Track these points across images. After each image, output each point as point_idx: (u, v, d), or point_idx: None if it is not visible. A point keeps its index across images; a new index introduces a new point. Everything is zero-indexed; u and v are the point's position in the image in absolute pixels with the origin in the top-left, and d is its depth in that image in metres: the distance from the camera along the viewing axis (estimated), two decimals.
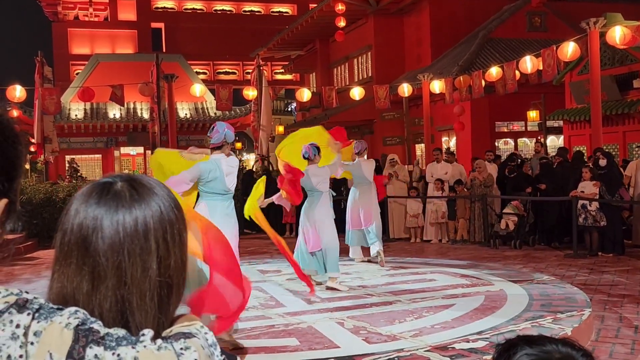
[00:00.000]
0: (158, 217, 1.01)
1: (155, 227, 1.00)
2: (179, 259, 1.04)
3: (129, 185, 1.02)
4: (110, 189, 1.01)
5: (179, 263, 1.03)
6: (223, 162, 5.44)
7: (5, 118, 1.06)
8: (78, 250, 0.97)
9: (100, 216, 0.97)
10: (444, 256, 10.06)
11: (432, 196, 12.02)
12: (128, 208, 0.99)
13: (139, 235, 0.98)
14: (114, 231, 0.97)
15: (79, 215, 0.99)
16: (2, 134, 1.02)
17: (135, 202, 1.00)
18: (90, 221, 0.97)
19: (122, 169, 26.89)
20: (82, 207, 0.99)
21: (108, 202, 0.99)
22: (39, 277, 9.83)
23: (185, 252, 1.06)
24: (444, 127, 21.31)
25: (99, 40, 36.16)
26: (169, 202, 1.04)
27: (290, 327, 5.54)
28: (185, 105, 25.33)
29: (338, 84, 28.55)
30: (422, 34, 24.18)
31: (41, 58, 17.05)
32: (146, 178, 1.07)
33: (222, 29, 37.07)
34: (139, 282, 0.97)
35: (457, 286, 7.00)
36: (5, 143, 1.02)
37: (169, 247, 1.01)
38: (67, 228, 1.00)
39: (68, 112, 24.10)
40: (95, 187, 1.02)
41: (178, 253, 1.03)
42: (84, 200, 1.00)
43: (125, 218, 0.98)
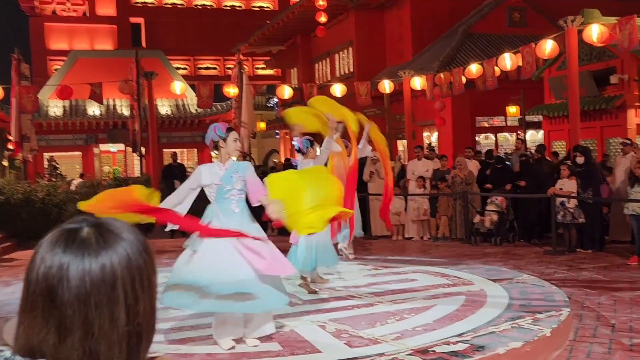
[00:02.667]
0: (125, 264, 0.99)
1: (123, 275, 0.98)
2: (148, 305, 1.03)
3: (95, 231, 1.00)
4: (77, 237, 0.99)
5: (148, 309, 1.02)
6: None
7: None
8: (44, 301, 0.96)
9: (66, 265, 0.96)
10: (425, 254, 10.13)
11: (413, 193, 12.07)
12: (94, 256, 0.97)
13: (106, 285, 0.97)
14: (80, 281, 0.95)
15: (44, 264, 0.97)
16: None
17: (101, 249, 0.98)
18: (55, 270, 0.96)
19: (102, 165, 26.65)
20: (48, 256, 0.97)
21: (74, 251, 0.97)
22: (18, 279, 9.72)
23: (154, 297, 1.05)
24: (425, 122, 21.40)
25: (77, 35, 35.71)
26: (137, 246, 1.03)
27: None
28: (166, 102, 25.16)
29: (320, 80, 28.52)
30: (403, 29, 24.22)
31: (18, 55, 16.82)
32: (113, 222, 1.05)
33: (203, 24, 36.80)
34: (107, 333, 0.96)
35: (438, 286, 7.05)
36: None
37: (137, 294, 1.00)
38: (32, 278, 0.98)
39: (47, 110, 23.82)
40: (61, 233, 1.00)
41: (147, 299, 1.02)
42: (50, 249, 0.98)
43: (92, 267, 0.96)
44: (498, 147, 21.92)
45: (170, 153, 20.29)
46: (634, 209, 8.57)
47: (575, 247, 9.68)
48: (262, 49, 32.41)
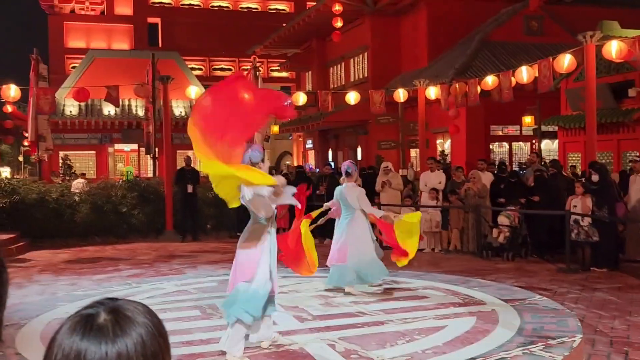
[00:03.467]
0: (141, 350, 1.00)
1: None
2: None
3: (112, 317, 1.02)
4: (94, 323, 1.00)
5: None
6: None
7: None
8: None
9: (83, 352, 0.97)
10: (436, 267, 10.07)
11: (425, 205, 12.03)
12: (112, 344, 0.99)
13: None
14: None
15: (62, 350, 0.99)
16: None
17: (117, 337, 0.99)
18: (73, 358, 0.97)
19: (116, 164, 26.80)
20: (67, 342, 0.99)
21: (91, 338, 0.98)
22: (31, 281, 9.80)
23: None
24: (438, 129, 21.33)
25: (94, 34, 35.97)
26: (152, 330, 1.04)
27: (281, 348, 5.53)
28: (181, 103, 25.24)
29: (334, 84, 28.52)
30: (419, 35, 24.16)
31: (37, 55, 16.95)
32: (129, 305, 1.06)
33: (219, 25, 36.93)
34: None
35: (449, 305, 7.00)
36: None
37: None
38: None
39: (63, 109, 24.00)
40: (79, 320, 1.02)
41: None
42: (68, 335, 1.00)
43: (108, 355, 0.98)
44: (512, 157, 21.81)
45: (183, 155, 20.37)
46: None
47: (590, 266, 9.58)
48: (277, 51, 32.47)
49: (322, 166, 18.68)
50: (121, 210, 14.80)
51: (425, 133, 16.55)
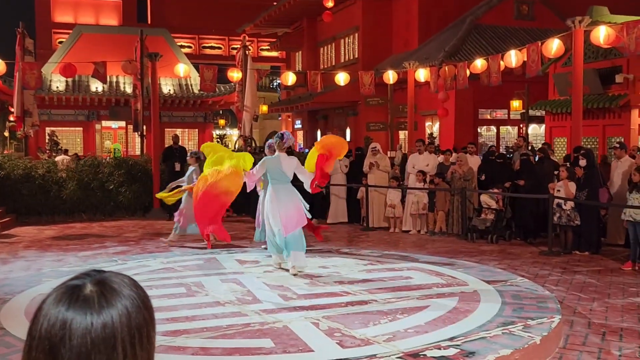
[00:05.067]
0: (126, 322, 1.01)
1: (123, 335, 1.00)
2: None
3: (98, 288, 1.02)
4: (80, 294, 1.01)
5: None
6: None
7: None
8: (45, 358, 0.98)
9: (69, 322, 0.98)
10: (421, 249, 10.18)
11: (412, 187, 12.10)
12: (97, 314, 0.99)
13: (106, 344, 0.99)
14: (82, 339, 0.97)
15: (47, 320, 0.99)
16: None
17: (103, 308, 1.00)
18: (58, 328, 0.98)
19: (103, 141, 26.63)
20: (52, 312, 0.99)
21: (77, 308, 0.99)
22: (16, 257, 9.80)
23: (152, 353, 1.08)
24: (427, 112, 21.37)
25: (82, 9, 35.50)
26: (137, 303, 1.05)
27: (265, 326, 5.59)
28: (169, 81, 25.07)
29: (324, 64, 28.42)
30: (410, 17, 24.10)
31: (22, 30, 16.72)
32: (115, 278, 1.07)
33: (209, 2, 36.58)
34: None
35: (432, 286, 7.09)
36: None
37: (136, 353, 1.02)
38: (35, 333, 1.00)
39: (49, 84, 23.74)
40: (65, 290, 1.02)
41: (145, 356, 1.05)
42: (54, 305, 1.00)
43: (94, 325, 0.98)
44: (500, 140, 21.93)
45: (171, 132, 20.28)
46: (631, 215, 8.60)
47: (572, 249, 9.72)
48: (267, 31, 32.26)
49: (310, 147, 18.67)
50: (108, 187, 14.77)
51: (414, 115, 16.59)
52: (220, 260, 8.84)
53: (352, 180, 13.33)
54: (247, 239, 11.35)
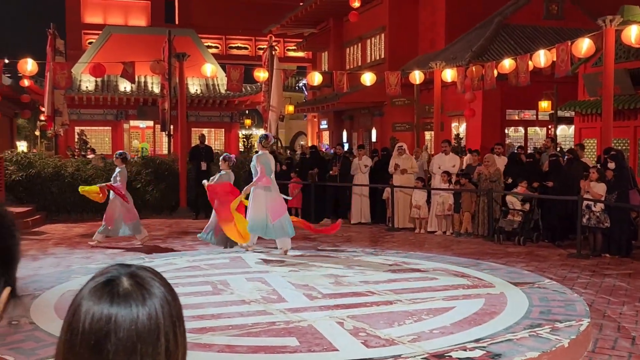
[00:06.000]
0: (167, 312, 1.02)
1: (166, 324, 1.01)
2: (184, 350, 1.06)
3: (134, 282, 1.03)
4: (120, 288, 1.01)
5: (184, 354, 1.06)
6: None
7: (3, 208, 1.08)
8: (90, 353, 0.98)
9: (114, 317, 0.98)
10: (447, 250, 10.10)
11: (437, 188, 12.03)
12: (142, 306, 1.00)
13: (151, 335, 0.99)
14: (129, 332, 0.98)
15: (91, 316, 0.99)
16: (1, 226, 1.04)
17: (146, 299, 1.01)
18: (104, 323, 0.98)
19: (131, 140, 26.96)
20: (95, 308, 0.99)
21: (121, 302, 1.00)
22: (46, 253, 9.96)
23: (186, 342, 1.09)
24: (454, 112, 21.22)
25: (111, 9, 36.00)
26: (172, 294, 1.06)
27: (290, 325, 5.60)
28: (196, 81, 25.27)
29: (350, 64, 28.39)
30: (437, 17, 23.95)
31: (53, 30, 17.03)
32: (142, 271, 1.08)
33: (236, 2, 36.80)
34: None
35: (458, 287, 7.03)
36: (5, 234, 1.05)
37: (177, 341, 1.03)
38: (78, 329, 0.99)
39: (79, 84, 24.11)
40: (103, 285, 1.02)
41: (184, 344, 1.05)
42: (96, 301, 1.00)
43: (139, 317, 0.99)
44: (528, 141, 21.67)
45: (198, 132, 20.45)
46: None
47: (601, 252, 9.56)
48: (294, 31, 32.34)
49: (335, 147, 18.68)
50: (136, 186, 14.92)
51: (440, 116, 16.48)
52: (246, 259, 8.88)
53: (378, 180, 13.30)
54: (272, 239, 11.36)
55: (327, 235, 10.30)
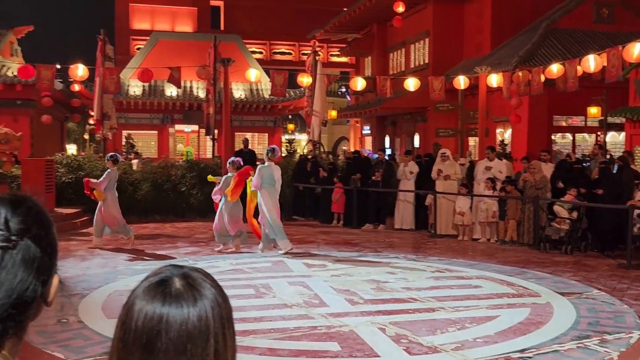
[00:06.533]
0: (217, 313, 1.03)
1: (215, 325, 1.02)
2: (233, 352, 1.07)
3: (186, 282, 1.04)
4: (172, 289, 1.03)
5: (233, 356, 1.07)
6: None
7: (39, 204, 1.12)
8: (141, 351, 1.00)
9: (165, 317, 1.00)
10: (491, 258, 9.94)
11: (482, 194, 11.85)
12: (192, 306, 1.01)
13: (201, 335, 1.00)
14: (180, 332, 0.99)
15: (144, 314, 1.01)
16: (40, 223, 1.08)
17: (197, 300, 1.02)
18: (155, 323, 1.00)
19: (176, 144, 27.40)
20: (148, 308, 1.01)
21: (173, 302, 1.01)
22: (93, 254, 10.19)
23: (235, 344, 1.09)
24: (499, 118, 20.89)
25: (159, 16, 36.70)
26: (222, 295, 1.07)
27: (332, 329, 5.60)
28: (241, 86, 25.54)
29: (394, 69, 28.28)
30: (483, 21, 23.65)
31: (104, 36, 17.47)
32: (195, 272, 1.09)
33: (280, 8, 37.07)
34: None
35: (502, 295, 6.92)
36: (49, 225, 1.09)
37: (226, 343, 1.03)
38: (131, 327, 1.02)
39: (127, 89, 24.64)
40: (156, 285, 1.04)
41: (233, 346, 1.06)
42: (149, 300, 1.02)
43: (190, 317, 1.00)
44: (575, 148, 21.18)
45: (241, 136, 20.67)
46: None
47: None
48: (337, 36, 32.38)
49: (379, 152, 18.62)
50: (180, 189, 15.16)
51: (485, 122, 16.25)
52: (288, 263, 8.92)
53: (421, 187, 13.19)
54: (315, 243, 11.40)
55: None
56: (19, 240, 1.04)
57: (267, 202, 9.77)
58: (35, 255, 1.06)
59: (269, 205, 9.76)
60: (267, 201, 9.77)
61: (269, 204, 9.76)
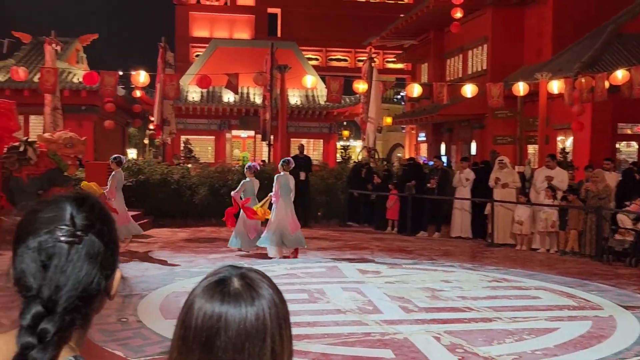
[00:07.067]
0: (274, 313, 1.05)
1: (272, 325, 1.04)
2: (289, 353, 1.07)
3: (244, 282, 1.06)
4: (230, 288, 1.05)
5: (289, 358, 1.07)
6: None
7: (101, 202, 1.16)
8: (201, 349, 1.02)
9: (223, 316, 1.02)
10: (551, 269, 9.66)
11: (542, 204, 11.55)
12: (250, 306, 1.03)
13: (258, 334, 1.02)
14: (238, 331, 1.01)
15: (203, 313, 1.03)
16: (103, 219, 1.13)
17: (254, 300, 1.04)
18: (215, 321, 1.02)
19: (233, 149, 27.81)
20: (208, 307, 1.03)
21: (232, 301, 1.03)
22: (152, 256, 10.43)
23: (292, 346, 1.10)
24: (560, 125, 20.34)
25: (218, 24, 37.43)
26: (279, 296, 1.08)
27: (386, 336, 5.56)
28: (297, 93, 25.73)
29: (450, 76, 27.96)
30: (544, 26, 23.12)
31: (164, 44, 17.92)
32: (253, 272, 1.10)
33: (337, 15, 37.24)
34: None
35: (563, 307, 6.71)
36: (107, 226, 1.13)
37: (283, 343, 1.05)
38: (191, 325, 1.04)
39: (186, 95, 25.18)
40: (215, 284, 1.06)
41: (288, 347, 1.07)
42: (208, 299, 1.04)
43: (247, 316, 1.02)
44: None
45: (297, 142, 20.80)
46: None
47: None
48: (393, 43, 32.27)
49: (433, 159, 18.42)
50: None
51: (545, 129, 15.86)
52: (342, 269, 8.91)
53: (478, 194, 12.95)
54: (369, 249, 11.35)
55: None
56: (83, 236, 1.08)
57: (280, 211, 10.12)
58: (99, 250, 1.10)
59: (281, 214, 10.10)
60: (280, 210, 10.13)
61: (281, 213, 10.10)
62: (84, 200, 1.14)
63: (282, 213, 10.11)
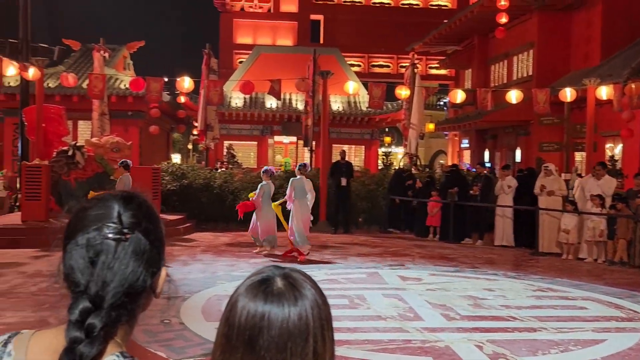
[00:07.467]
0: (317, 313, 1.05)
1: (315, 325, 1.04)
2: (332, 356, 1.07)
3: (287, 282, 1.06)
4: (274, 288, 1.05)
5: (331, 358, 1.07)
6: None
7: (148, 201, 1.17)
8: (244, 347, 1.03)
9: (267, 315, 1.02)
10: (598, 279, 9.41)
11: (589, 212, 11.26)
12: (293, 306, 1.03)
13: (301, 334, 1.02)
14: (281, 330, 1.02)
15: (247, 312, 1.04)
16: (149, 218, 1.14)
17: (297, 300, 1.04)
18: (258, 320, 1.02)
19: (275, 155, 28.02)
20: (251, 305, 1.04)
21: (275, 301, 1.04)
22: (194, 259, 10.57)
23: (334, 347, 1.09)
24: (608, 132, 19.84)
25: (261, 30, 37.82)
26: (322, 297, 1.08)
27: (427, 344, 5.50)
28: (339, 99, 25.77)
29: (495, 82, 27.58)
30: (592, 31, 22.61)
31: (209, 50, 18.20)
32: (296, 273, 1.10)
33: (379, 21, 37.20)
34: None
35: (610, 318, 6.53)
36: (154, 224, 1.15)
37: (325, 343, 1.05)
38: (235, 324, 1.04)
39: (229, 100, 25.49)
40: (259, 284, 1.07)
41: (330, 348, 1.06)
42: (251, 298, 1.05)
43: (291, 316, 1.02)
44: None
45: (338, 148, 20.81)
46: None
47: None
48: (436, 49, 32.02)
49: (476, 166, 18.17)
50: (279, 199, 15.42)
51: (593, 136, 15.49)
52: (383, 275, 8.86)
53: (522, 202, 12.70)
54: (410, 256, 11.25)
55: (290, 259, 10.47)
56: (130, 233, 1.11)
57: (297, 213, 10.61)
58: (145, 248, 1.11)
59: (298, 215, 10.59)
60: (297, 212, 10.61)
61: (298, 215, 10.59)
62: (132, 198, 1.16)
63: (299, 214, 10.61)
